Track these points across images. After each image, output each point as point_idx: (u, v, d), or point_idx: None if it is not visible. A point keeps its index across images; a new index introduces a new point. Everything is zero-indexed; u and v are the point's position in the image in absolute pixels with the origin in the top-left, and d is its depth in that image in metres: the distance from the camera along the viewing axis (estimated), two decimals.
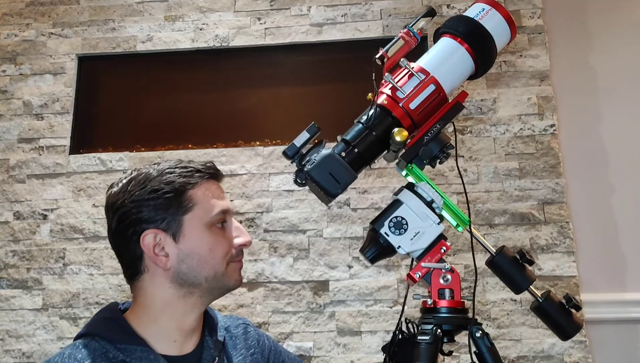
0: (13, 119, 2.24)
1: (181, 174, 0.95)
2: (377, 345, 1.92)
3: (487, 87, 2.12)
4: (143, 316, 0.94)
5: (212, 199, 0.96)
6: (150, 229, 0.92)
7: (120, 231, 0.94)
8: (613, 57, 2.22)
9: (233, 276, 0.96)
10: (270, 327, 1.96)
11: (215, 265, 0.94)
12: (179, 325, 0.94)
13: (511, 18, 0.98)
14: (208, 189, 0.96)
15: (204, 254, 0.93)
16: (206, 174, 0.97)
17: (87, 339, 0.90)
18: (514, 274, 0.92)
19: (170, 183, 0.93)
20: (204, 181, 0.96)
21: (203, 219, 0.94)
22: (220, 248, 0.94)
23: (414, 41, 0.96)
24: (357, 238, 2.02)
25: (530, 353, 1.88)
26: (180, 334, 0.94)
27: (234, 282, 0.97)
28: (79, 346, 0.89)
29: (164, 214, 0.92)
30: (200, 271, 0.93)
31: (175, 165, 0.97)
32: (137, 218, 0.92)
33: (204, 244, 0.93)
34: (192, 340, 0.97)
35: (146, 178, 0.94)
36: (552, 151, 2.04)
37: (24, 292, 2.05)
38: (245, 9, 2.28)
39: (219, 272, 0.94)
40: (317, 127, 0.92)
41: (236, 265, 0.97)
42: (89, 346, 0.89)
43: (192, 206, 0.94)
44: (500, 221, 2.00)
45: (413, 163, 0.95)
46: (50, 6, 2.35)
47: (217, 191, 0.98)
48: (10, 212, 2.13)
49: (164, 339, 0.93)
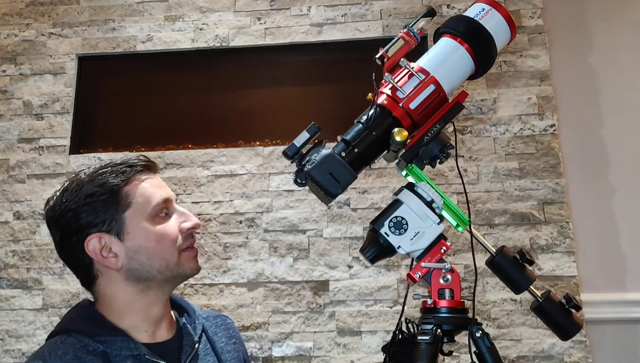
0: (13, 119, 2.24)
1: (112, 172, 0.94)
2: (377, 345, 1.92)
3: (487, 87, 2.12)
4: (111, 315, 0.94)
5: (149, 190, 0.95)
6: (93, 234, 0.92)
7: (65, 243, 0.95)
8: (613, 57, 2.22)
9: (187, 264, 0.96)
10: (270, 327, 1.96)
11: (165, 256, 0.94)
12: (145, 317, 0.95)
13: (511, 18, 0.98)
14: (143, 181, 0.95)
15: (152, 247, 0.93)
16: (138, 167, 0.96)
17: (63, 336, 0.90)
18: (514, 274, 0.92)
19: (103, 184, 0.93)
20: (137, 174, 0.96)
21: (144, 212, 0.93)
22: (167, 237, 0.94)
23: (414, 41, 0.96)
24: (357, 238, 2.02)
25: (530, 353, 1.88)
26: (148, 324, 0.95)
27: (190, 270, 0.97)
28: (55, 343, 0.89)
29: (104, 216, 0.92)
30: (152, 264, 0.93)
31: (105, 165, 0.96)
32: (78, 225, 0.92)
33: (149, 237, 0.93)
34: (164, 327, 0.98)
35: (78, 185, 0.94)
36: (552, 151, 2.04)
37: (24, 292, 2.05)
38: (245, 9, 2.28)
39: (172, 262, 0.94)
40: (317, 127, 0.92)
41: (189, 253, 0.97)
42: (66, 342, 0.89)
43: (130, 201, 0.93)
44: (500, 221, 2.00)
45: (413, 163, 0.95)
46: (50, 6, 2.35)
47: (153, 181, 0.97)
48: (10, 212, 2.13)
49: (136, 331, 0.93)
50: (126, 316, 0.94)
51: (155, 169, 1.00)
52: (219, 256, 2.03)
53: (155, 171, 1.01)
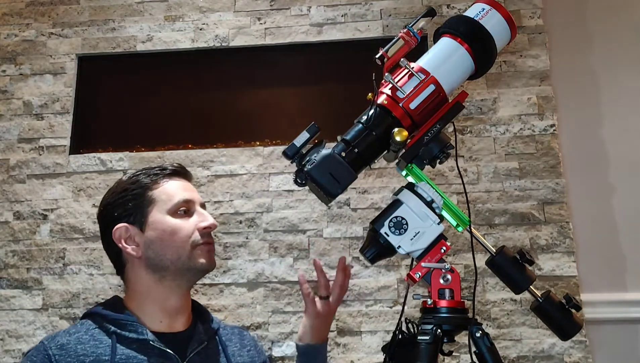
0: (13, 119, 2.24)
1: (146, 174, 1.08)
2: (377, 345, 1.92)
3: (487, 87, 2.12)
4: (133, 302, 1.05)
5: (173, 190, 1.06)
6: (121, 224, 1.05)
7: (103, 234, 1.09)
8: (613, 57, 2.22)
9: (199, 258, 1.04)
10: (270, 327, 1.96)
11: (178, 248, 1.03)
12: (161, 307, 1.04)
13: (511, 18, 0.98)
14: (170, 184, 1.07)
15: (167, 238, 1.03)
16: (167, 171, 1.08)
17: (85, 319, 1.04)
18: (514, 274, 0.93)
19: (135, 183, 1.07)
20: (165, 177, 1.08)
21: (164, 208, 1.04)
22: (182, 231, 1.03)
23: (414, 41, 0.96)
24: (357, 238, 2.02)
25: (530, 353, 1.88)
26: (164, 315, 1.04)
27: (201, 264, 1.04)
28: (77, 324, 1.03)
29: (131, 209, 1.05)
30: (165, 254, 1.03)
31: (142, 169, 1.10)
32: (111, 218, 1.06)
33: (165, 229, 1.03)
34: (180, 321, 1.06)
35: (118, 184, 1.09)
36: (552, 151, 2.04)
37: (24, 292, 2.05)
38: (245, 9, 2.28)
39: (184, 254, 1.03)
40: (317, 127, 0.92)
41: (204, 247, 1.05)
42: (84, 324, 1.02)
43: (154, 199, 1.05)
44: (500, 221, 2.00)
45: (413, 163, 0.95)
46: (50, 6, 2.35)
47: (180, 185, 1.08)
48: (10, 212, 2.13)
49: (152, 320, 1.03)
50: (145, 304, 1.04)
51: (186, 176, 1.11)
52: (219, 256, 2.03)
53: (186, 177, 1.12)
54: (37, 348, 0.98)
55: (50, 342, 0.98)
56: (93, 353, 0.96)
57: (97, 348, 0.96)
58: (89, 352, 0.96)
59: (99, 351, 0.96)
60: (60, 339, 0.98)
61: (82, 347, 0.97)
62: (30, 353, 0.98)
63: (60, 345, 0.97)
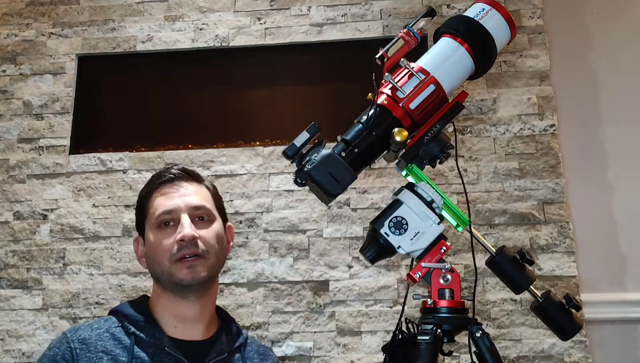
0: (13, 119, 2.23)
1: (149, 183, 1.09)
2: (377, 345, 1.91)
3: (487, 87, 2.12)
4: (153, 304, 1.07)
5: (160, 201, 1.05)
6: (137, 236, 1.10)
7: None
8: (613, 57, 2.22)
9: (177, 274, 1.01)
10: (270, 327, 1.96)
11: (161, 263, 1.02)
12: (173, 314, 1.04)
13: (511, 18, 0.98)
14: (161, 192, 1.06)
15: (152, 254, 1.04)
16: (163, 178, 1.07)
17: (111, 315, 1.06)
18: (514, 274, 0.92)
19: (140, 194, 1.09)
20: (159, 186, 1.07)
21: (151, 221, 1.05)
22: (161, 246, 1.02)
23: (414, 41, 0.96)
24: (357, 238, 2.02)
25: (530, 353, 1.88)
26: (177, 321, 1.04)
27: (180, 280, 1.01)
28: (101, 319, 1.05)
29: (138, 222, 1.09)
30: (154, 267, 1.04)
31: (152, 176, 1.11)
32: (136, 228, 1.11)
33: (151, 244, 1.04)
34: (197, 330, 1.05)
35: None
36: (552, 151, 2.04)
37: (24, 292, 2.05)
38: (245, 9, 2.28)
39: (165, 270, 1.02)
40: (317, 127, 0.92)
41: (181, 264, 1.01)
42: (109, 320, 1.04)
43: (148, 211, 1.06)
44: (500, 221, 2.00)
45: (413, 163, 0.95)
46: (50, 6, 2.35)
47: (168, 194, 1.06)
48: (10, 212, 2.13)
49: (167, 325, 1.03)
50: (159, 309, 1.05)
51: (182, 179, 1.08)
52: None
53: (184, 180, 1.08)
54: (59, 340, 1.00)
55: (72, 335, 0.99)
56: (112, 352, 0.96)
57: (115, 348, 0.97)
58: (108, 349, 0.97)
59: (117, 351, 0.97)
60: (83, 333, 0.99)
61: (102, 344, 0.97)
62: (52, 345, 1.00)
63: (82, 339, 0.98)
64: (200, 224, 1.05)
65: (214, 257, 1.04)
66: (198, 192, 1.07)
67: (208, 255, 1.03)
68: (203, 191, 1.09)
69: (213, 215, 1.08)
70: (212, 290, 1.08)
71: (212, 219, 1.07)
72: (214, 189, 1.14)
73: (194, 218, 1.04)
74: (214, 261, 1.04)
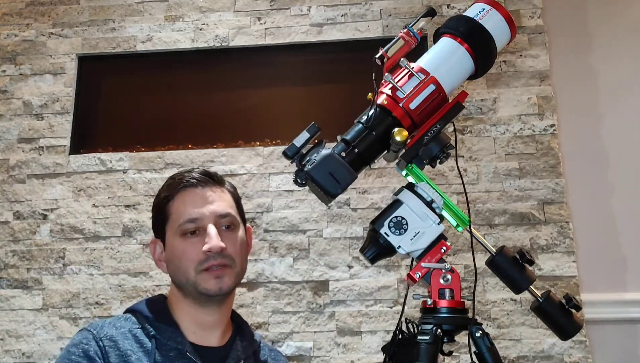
0: (13, 119, 2.24)
1: (167, 186, 1.05)
2: (377, 345, 1.91)
3: (487, 87, 2.12)
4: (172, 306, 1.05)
5: (183, 208, 1.02)
6: (154, 238, 1.06)
7: None
8: (613, 57, 2.22)
9: (203, 284, 0.99)
10: (270, 327, 1.96)
11: (185, 272, 1.00)
12: (193, 319, 1.02)
13: (511, 18, 0.98)
14: (185, 198, 1.03)
15: (176, 261, 1.01)
16: (184, 182, 1.04)
17: (132, 314, 1.03)
18: (514, 274, 0.92)
19: (159, 196, 1.06)
20: (181, 191, 1.03)
21: (174, 227, 1.02)
22: (187, 255, 0.99)
23: (414, 41, 0.96)
24: (357, 238, 2.02)
25: (530, 353, 1.88)
26: (196, 327, 1.02)
27: (206, 291, 0.99)
28: (121, 318, 1.02)
29: (157, 225, 1.06)
30: (177, 275, 1.02)
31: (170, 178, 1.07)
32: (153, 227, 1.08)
33: (175, 251, 1.01)
34: (214, 336, 1.03)
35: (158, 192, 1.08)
36: (552, 151, 2.04)
37: (24, 292, 2.05)
38: (245, 9, 2.28)
39: (190, 279, 0.99)
40: (317, 127, 0.92)
41: (208, 275, 0.98)
42: (129, 319, 1.01)
43: (169, 215, 1.03)
44: (500, 221, 2.00)
45: (413, 163, 0.95)
46: (50, 6, 2.35)
47: (192, 199, 1.02)
48: (10, 212, 2.13)
49: (186, 329, 1.01)
50: (179, 313, 1.03)
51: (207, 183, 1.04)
52: None
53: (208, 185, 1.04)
54: (84, 336, 0.96)
55: (99, 332, 0.97)
56: (135, 353, 0.95)
57: (138, 350, 0.96)
58: (134, 349, 0.96)
59: (139, 353, 0.95)
60: (109, 331, 0.97)
61: (128, 343, 0.96)
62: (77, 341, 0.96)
63: (110, 337, 0.96)
64: (226, 233, 1.02)
65: (239, 266, 1.03)
66: (222, 198, 1.05)
67: (234, 264, 1.01)
68: (226, 197, 1.06)
69: (238, 222, 1.05)
70: (232, 297, 1.07)
71: (237, 226, 1.05)
72: (235, 191, 1.11)
73: (219, 227, 1.01)
74: (239, 270, 1.03)
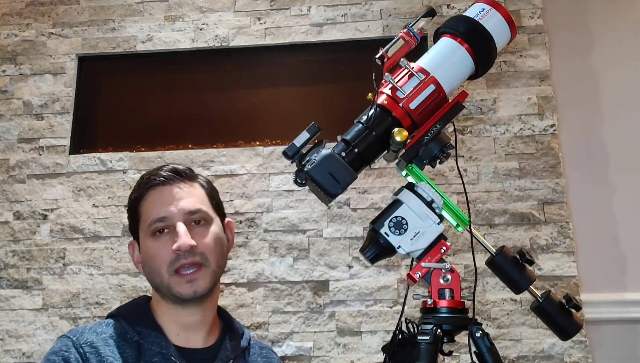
0: (13, 119, 2.23)
1: (138, 186, 1.02)
2: (377, 345, 1.91)
3: (487, 87, 2.12)
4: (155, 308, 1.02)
5: (152, 207, 0.98)
6: (132, 240, 1.04)
7: None
8: (613, 57, 2.22)
9: (177, 288, 0.95)
10: (270, 327, 1.96)
11: (159, 274, 0.96)
12: (174, 321, 0.99)
13: (511, 18, 0.98)
14: (154, 197, 0.99)
15: (150, 262, 0.98)
16: (151, 182, 1.00)
17: (114, 319, 1.00)
18: (514, 274, 0.92)
19: (130, 197, 1.03)
20: (150, 190, 1.00)
21: (145, 228, 0.98)
22: (158, 256, 0.96)
23: (414, 41, 0.96)
24: (357, 238, 2.02)
25: (530, 353, 1.88)
26: (179, 329, 0.99)
27: (181, 295, 0.95)
28: (102, 323, 0.99)
29: (131, 226, 1.03)
30: (152, 277, 0.98)
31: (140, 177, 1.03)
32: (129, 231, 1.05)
33: (148, 251, 0.98)
34: (200, 337, 1.00)
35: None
36: (552, 151, 2.04)
37: (24, 292, 2.05)
38: (245, 9, 2.28)
39: (164, 282, 0.96)
40: (317, 127, 0.92)
41: (179, 279, 0.95)
42: (110, 325, 0.98)
43: (140, 216, 1.00)
44: (500, 221, 2.00)
45: (413, 163, 0.95)
46: (50, 6, 2.35)
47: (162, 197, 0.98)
48: (10, 212, 2.13)
49: (170, 332, 0.98)
50: (161, 315, 1.00)
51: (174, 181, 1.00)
52: None
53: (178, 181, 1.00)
54: (64, 343, 0.93)
55: (79, 338, 0.93)
56: (117, 359, 0.92)
57: (121, 355, 0.93)
58: (115, 355, 0.92)
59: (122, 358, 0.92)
60: (89, 337, 0.94)
61: (109, 349, 0.93)
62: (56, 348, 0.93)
63: (90, 343, 0.93)
64: (197, 229, 0.98)
65: (214, 264, 0.99)
66: (192, 193, 1.00)
67: (208, 263, 0.97)
68: (197, 192, 1.02)
69: (210, 217, 1.01)
70: (214, 295, 1.03)
71: (210, 221, 1.01)
72: (209, 185, 1.06)
73: (189, 223, 0.97)
74: (214, 268, 0.99)
